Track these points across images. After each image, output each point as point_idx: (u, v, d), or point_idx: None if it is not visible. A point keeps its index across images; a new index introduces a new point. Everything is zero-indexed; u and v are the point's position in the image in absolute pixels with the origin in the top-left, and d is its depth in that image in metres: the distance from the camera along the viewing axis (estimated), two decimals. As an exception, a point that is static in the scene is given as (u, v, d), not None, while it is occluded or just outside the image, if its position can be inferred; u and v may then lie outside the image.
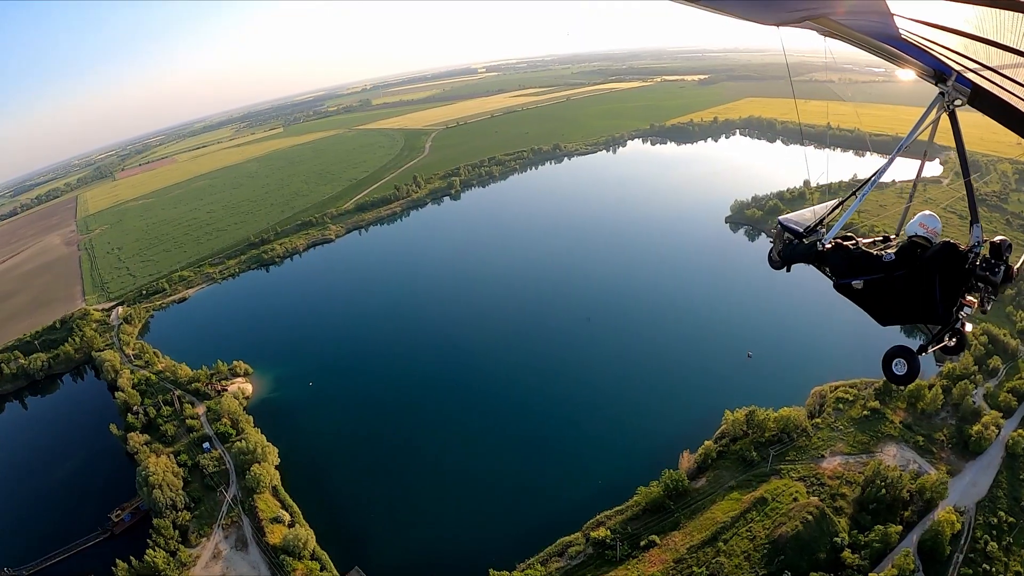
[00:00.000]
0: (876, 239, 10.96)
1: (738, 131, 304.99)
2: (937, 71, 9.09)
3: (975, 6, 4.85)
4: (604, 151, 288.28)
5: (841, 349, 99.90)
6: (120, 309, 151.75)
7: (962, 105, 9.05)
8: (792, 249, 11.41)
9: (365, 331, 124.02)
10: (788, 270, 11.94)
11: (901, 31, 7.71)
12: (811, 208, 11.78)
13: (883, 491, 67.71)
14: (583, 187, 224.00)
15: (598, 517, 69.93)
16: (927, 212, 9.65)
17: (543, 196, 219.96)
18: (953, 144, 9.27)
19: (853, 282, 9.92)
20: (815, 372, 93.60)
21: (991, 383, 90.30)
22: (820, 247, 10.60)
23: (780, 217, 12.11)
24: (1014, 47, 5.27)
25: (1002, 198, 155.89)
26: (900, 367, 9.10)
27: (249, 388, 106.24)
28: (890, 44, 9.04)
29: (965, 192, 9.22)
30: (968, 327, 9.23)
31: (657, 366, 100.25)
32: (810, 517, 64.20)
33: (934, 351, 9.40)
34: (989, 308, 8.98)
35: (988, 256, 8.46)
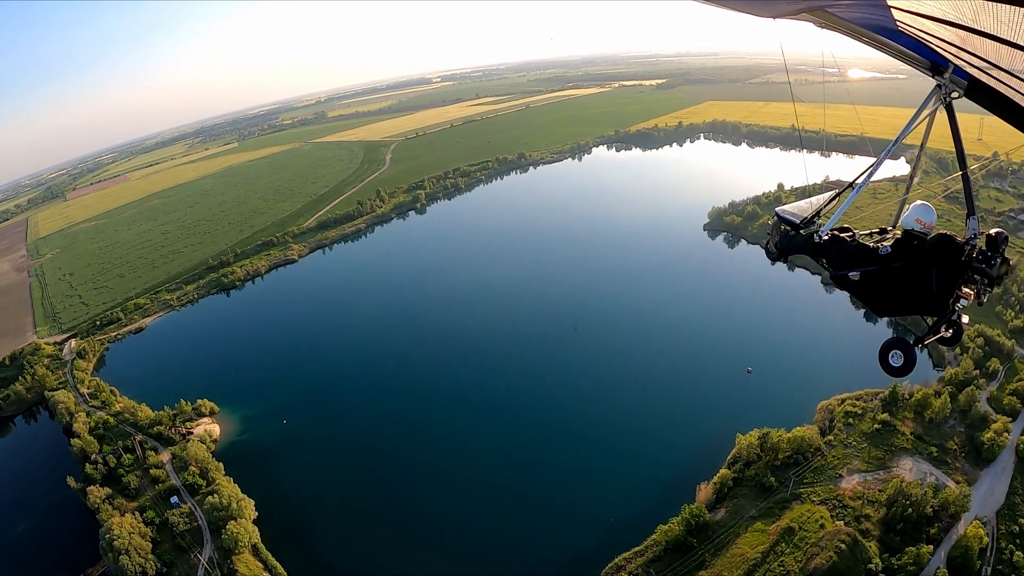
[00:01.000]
0: (873, 231, 10.94)
1: (702, 135, 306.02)
2: (934, 63, 9.23)
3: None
4: (570, 159, 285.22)
5: (840, 359, 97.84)
6: (73, 342, 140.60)
7: (959, 97, 9.12)
8: (789, 240, 11.45)
9: (338, 359, 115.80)
10: (785, 261, 12.16)
11: (898, 23, 7.77)
12: (808, 200, 11.67)
13: (908, 510, 64.66)
14: (552, 197, 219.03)
15: (616, 561, 64.63)
16: (922, 203, 9.66)
17: (511, 207, 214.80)
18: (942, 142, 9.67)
19: (850, 274, 9.96)
20: (817, 385, 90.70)
21: (992, 385, 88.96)
22: (817, 239, 10.60)
23: (777, 208, 12.02)
24: (1010, 40, 5.29)
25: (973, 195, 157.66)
26: (896, 358, 9.23)
27: (216, 430, 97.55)
28: (887, 36, 9.19)
29: (962, 185, 9.28)
30: (965, 319, 9.31)
31: (653, 387, 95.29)
32: (843, 546, 60.55)
33: (931, 342, 9.56)
34: (985, 300, 9.06)
35: (984, 248, 8.53)
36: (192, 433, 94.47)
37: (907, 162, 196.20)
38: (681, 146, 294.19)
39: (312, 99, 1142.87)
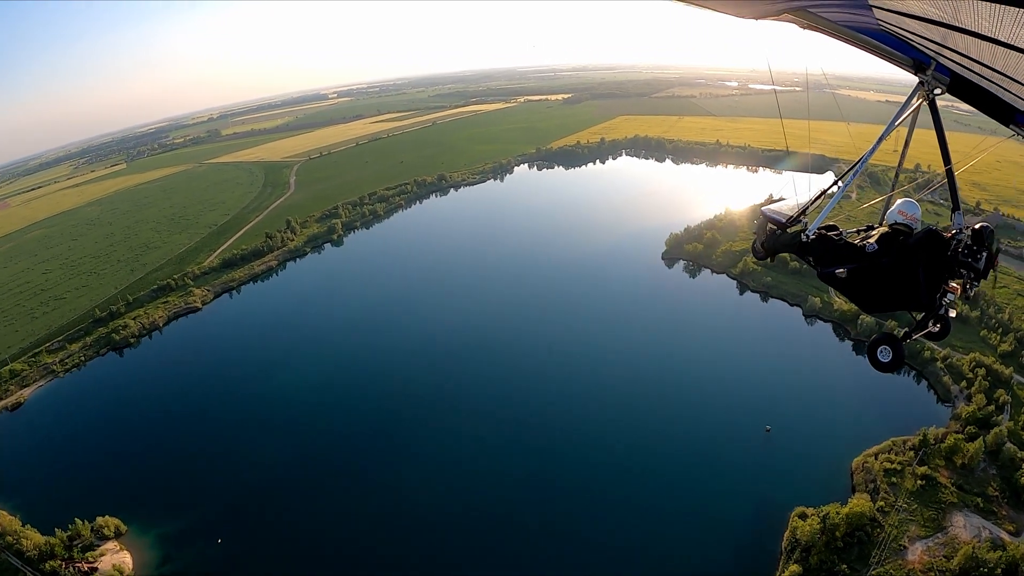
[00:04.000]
0: (860, 228, 10.94)
1: (624, 152, 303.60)
2: (916, 61, 9.39)
3: None
4: (492, 180, 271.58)
5: (851, 405, 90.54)
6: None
7: (942, 94, 9.38)
8: (776, 240, 11.55)
9: (269, 438, 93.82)
10: (772, 260, 12.91)
11: (880, 22, 7.88)
12: (794, 199, 11.65)
13: (984, 578, 57.75)
14: (484, 226, 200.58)
15: None
16: (906, 199, 9.95)
17: (439, 236, 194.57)
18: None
19: (836, 271, 10.05)
20: (837, 439, 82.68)
21: (1003, 417, 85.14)
22: (804, 238, 10.64)
23: (763, 208, 12.04)
24: (991, 36, 5.41)
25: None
26: (885, 354, 9.47)
27: (128, 561, 73.79)
28: (869, 35, 9.26)
29: (947, 181, 9.47)
30: (952, 313, 9.44)
31: (664, 453, 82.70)
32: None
33: (919, 337, 9.87)
34: (972, 294, 9.22)
35: (971, 243, 8.66)
36: (96, 570, 71.01)
37: (834, 175, 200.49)
38: (604, 163, 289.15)
39: (204, 116, 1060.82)
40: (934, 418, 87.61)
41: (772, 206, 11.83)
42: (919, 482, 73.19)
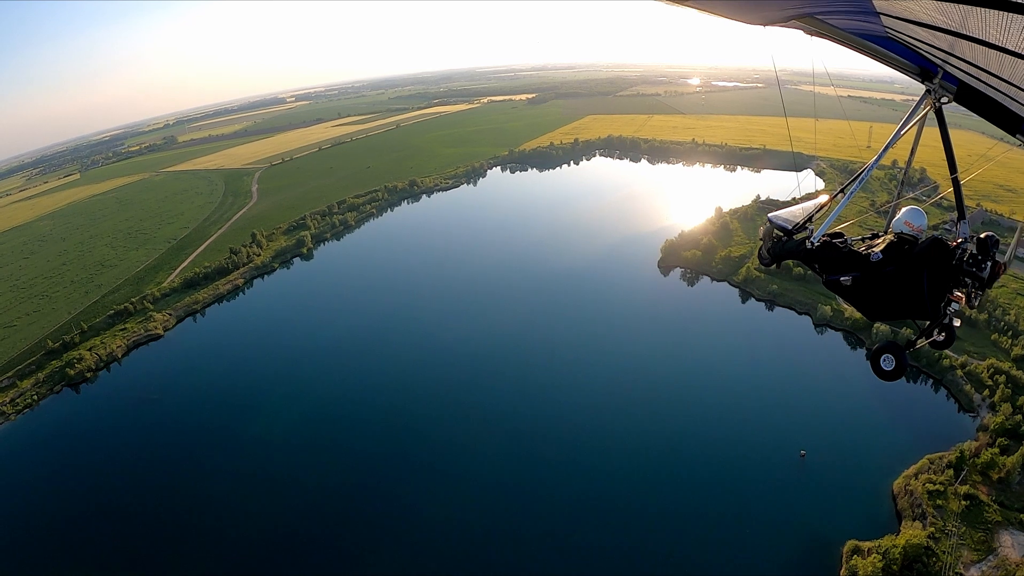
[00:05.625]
0: (865, 236, 11.05)
1: (598, 152, 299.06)
2: (923, 69, 9.44)
3: (960, 4, 4.97)
4: (466, 184, 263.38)
5: (880, 419, 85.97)
6: None
7: (949, 103, 9.32)
8: (781, 246, 11.49)
9: (249, 487, 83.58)
10: (778, 267, 12.24)
11: (887, 30, 7.86)
12: (800, 205, 11.57)
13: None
14: (458, 235, 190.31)
15: None
16: (913, 207, 10.02)
17: (413, 249, 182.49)
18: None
19: (841, 279, 10.10)
20: (872, 457, 77.99)
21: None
22: (810, 245, 10.70)
23: (769, 214, 11.98)
24: (998, 44, 5.39)
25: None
26: (888, 362, 9.61)
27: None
28: (877, 43, 9.41)
29: (953, 189, 9.54)
30: (956, 322, 9.67)
31: (692, 481, 76.90)
32: None
33: (922, 345, 10.16)
34: (977, 303, 9.27)
35: (975, 252, 8.72)
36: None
37: (815, 174, 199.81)
38: (579, 164, 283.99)
39: (160, 122, 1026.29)
40: (959, 429, 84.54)
41: (778, 212, 11.73)
42: (963, 502, 69.52)
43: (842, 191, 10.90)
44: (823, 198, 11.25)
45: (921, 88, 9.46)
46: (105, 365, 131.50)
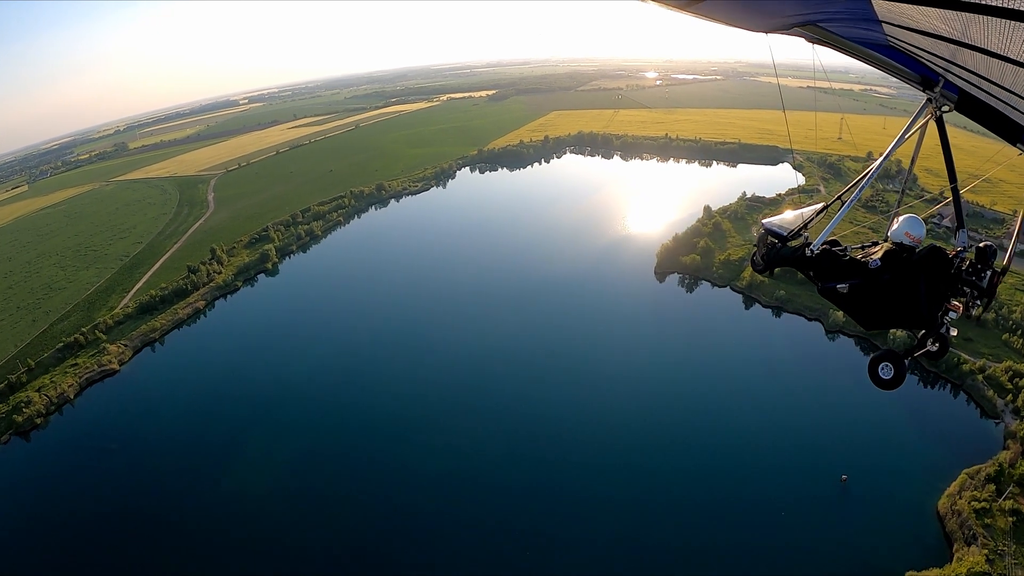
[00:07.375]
0: (864, 244, 10.76)
1: (568, 150, 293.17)
2: (924, 77, 9.28)
3: (962, 12, 5.01)
4: (436, 186, 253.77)
5: (909, 432, 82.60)
6: None
7: (949, 111, 9.21)
8: (776, 253, 11.39)
9: (224, 551, 75.11)
10: (771, 274, 12.50)
11: (889, 38, 7.84)
12: (797, 212, 11.39)
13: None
14: (433, 243, 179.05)
15: None
16: (911, 216, 9.66)
17: (385, 260, 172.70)
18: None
19: (838, 286, 9.89)
20: (908, 475, 74.46)
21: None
22: (809, 252, 10.54)
23: (764, 220, 11.90)
24: (1000, 53, 5.41)
25: (882, 200, 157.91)
26: (886, 371, 9.32)
27: None
28: (878, 51, 9.24)
29: (952, 198, 9.33)
30: (952, 332, 9.33)
31: (728, 514, 71.09)
32: None
33: (918, 355, 9.68)
34: (975, 313, 8.94)
35: (974, 261, 8.66)
36: None
37: (791, 165, 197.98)
38: (550, 163, 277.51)
39: (110, 128, 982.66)
40: (986, 437, 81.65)
41: (773, 219, 11.60)
42: (1009, 519, 66.24)
43: (839, 199, 10.95)
44: (819, 205, 11.20)
45: (922, 96, 9.29)
46: (57, 408, 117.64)
